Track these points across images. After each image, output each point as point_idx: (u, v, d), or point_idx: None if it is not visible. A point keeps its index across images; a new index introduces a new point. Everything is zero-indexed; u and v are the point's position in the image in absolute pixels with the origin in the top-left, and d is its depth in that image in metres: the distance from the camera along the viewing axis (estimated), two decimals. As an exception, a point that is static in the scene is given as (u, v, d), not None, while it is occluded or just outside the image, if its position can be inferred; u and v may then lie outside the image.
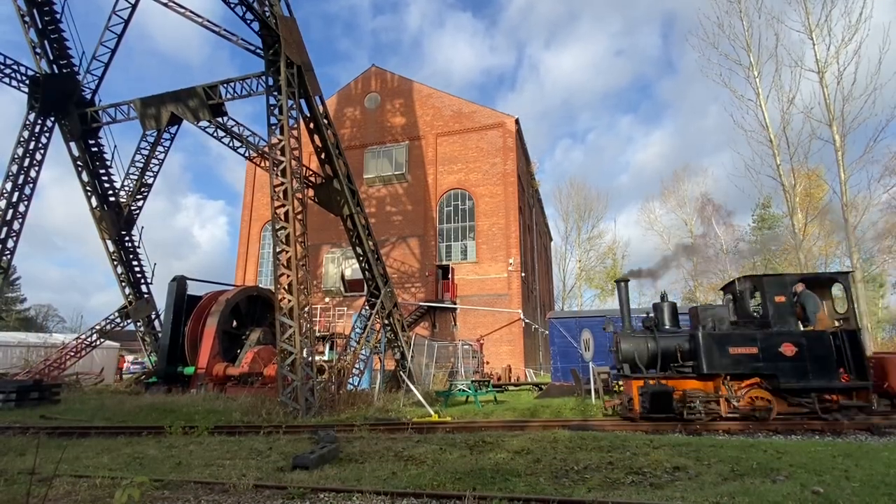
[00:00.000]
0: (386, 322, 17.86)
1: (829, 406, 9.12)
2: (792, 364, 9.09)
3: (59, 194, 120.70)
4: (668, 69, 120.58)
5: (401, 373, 17.11)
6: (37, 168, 18.70)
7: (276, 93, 14.04)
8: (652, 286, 61.76)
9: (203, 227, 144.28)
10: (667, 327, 10.40)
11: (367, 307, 18.30)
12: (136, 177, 20.50)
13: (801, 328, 9.63)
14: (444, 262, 26.34)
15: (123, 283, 20.45)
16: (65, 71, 18.64)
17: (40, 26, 17.80)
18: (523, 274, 26.34)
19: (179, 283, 19.49)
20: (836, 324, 9.84)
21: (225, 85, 15.94)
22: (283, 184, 13.39)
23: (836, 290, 10.48)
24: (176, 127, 20.00)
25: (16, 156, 18.23)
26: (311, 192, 17.75)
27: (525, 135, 30.05)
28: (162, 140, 20.42)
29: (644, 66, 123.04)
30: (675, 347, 9.71)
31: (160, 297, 20.56)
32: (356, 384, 16.41)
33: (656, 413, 9.22)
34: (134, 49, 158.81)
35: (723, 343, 9.36)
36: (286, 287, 12.83)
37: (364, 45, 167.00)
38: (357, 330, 18.02)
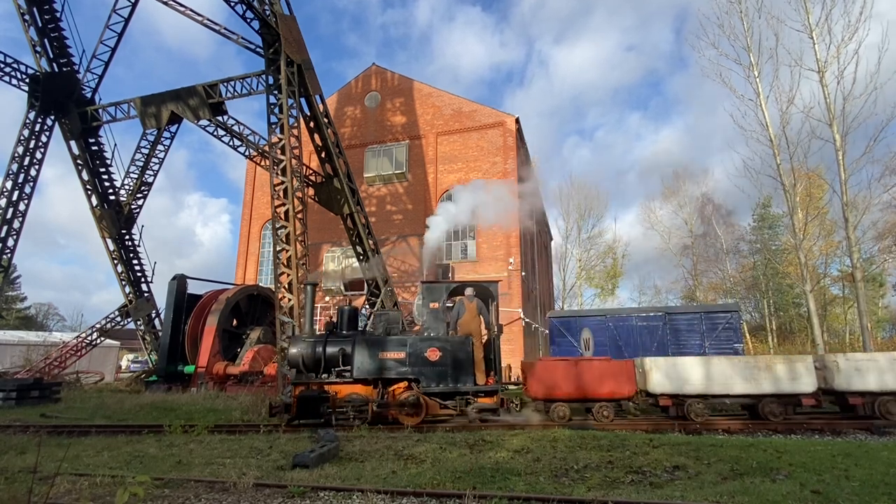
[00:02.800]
0: (386, 321, 17.86)
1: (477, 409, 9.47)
2: (434, 368, 9.44)
3: (62, 192, 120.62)
4: (679, 64, 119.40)
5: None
6: (37, 167, 18.72)
7: (276, 91, 14.04)
8: (652, 286, 61.75)
9: (206, 224, 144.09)
10: (344, 332, 10.35)
11: (368, 306, 18.31)
12: (136, 175, 20.51)
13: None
14: (445, 262, 26.33)
15: (124, 282, 20.46)
16: (65, 69, 18.64)
17: (40, 25, 17.80)
18: (523, 273, 26.33)
19: (180, 281, 19.50)
20: (490, 331, 10.21)
21: (225, 84, 15.93)
22: (283, 182, 13.39)
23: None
24: (176, 126, 20.01)
25: (16, 154, 18.24)
26: (311, 191, 17.75)
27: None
28: (162, 139, 20.43)
29: (655, 62, 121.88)
30: (339, 352, 9.73)
31: (160, 295, 20.60)
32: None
33: (306, 418, 9.40)
34: (141, 45, 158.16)
35: (374, 348, 9.57)
36: (286, 286, 12.84)
37: (372, 40, 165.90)
38: (357, 329, 18.02)
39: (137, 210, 20.74)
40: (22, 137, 18.30)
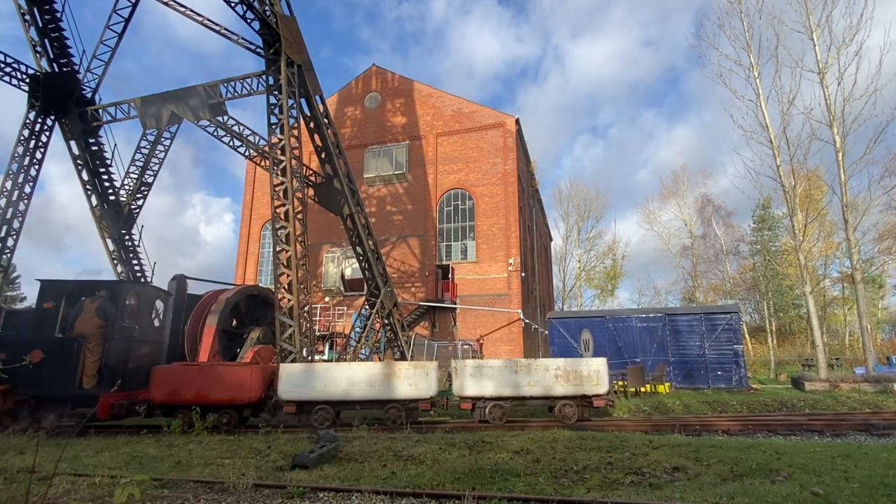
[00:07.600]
0: (386, 321, 17.86)
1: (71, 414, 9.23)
2: (35, 372, 8.84)
3: (66, 191, 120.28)
4: (698, 61, 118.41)
5: (400, 372, 17.09)
6: (37, 167, 18.68)
7: (276, 92, 14.05)
8: (652, 287, 61.66)
9: (209, 224, 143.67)
10: None
11: (367, 307, 18.30)
12: (136, 176, 20.50)
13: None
14: (444, 262, 26.33)
15: (123, 282, 20.44)
16: (65, 69, 18.62)
17: (41, 25, 17.78)
18: (523, 274, 26.34)
19: (179, 282, 19.43)
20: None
21: (225, 84, 15.94)
22: (283, 183, 13.39)
23: (131, 300, 10.39)
24: (176, 126, 20.01)
25: (16, 154, 18.22)
26: (311, 192, 17.75)
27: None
28: (162, 139, 20.42)
29: (673, 58, 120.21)
30: None
31: (160, 295, 20.51)
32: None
33: None
34: (151, 38, 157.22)
35: None
36: (286, 286, 12.84)
37: (387, 35, 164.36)
38: (357, 329, 18.04)
39: (137, 210, 20.72)
40: (22, 137, 18.27)
